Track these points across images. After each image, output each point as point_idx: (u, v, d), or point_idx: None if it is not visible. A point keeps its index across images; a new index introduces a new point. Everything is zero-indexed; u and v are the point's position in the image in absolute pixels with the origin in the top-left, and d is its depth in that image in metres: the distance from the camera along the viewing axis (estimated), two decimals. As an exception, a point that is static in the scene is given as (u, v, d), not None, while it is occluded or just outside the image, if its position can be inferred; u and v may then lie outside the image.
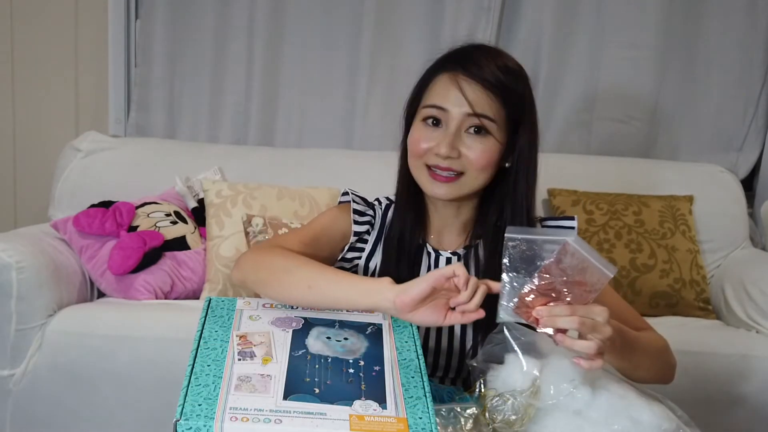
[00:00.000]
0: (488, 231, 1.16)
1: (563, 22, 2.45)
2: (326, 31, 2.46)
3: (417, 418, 0.80)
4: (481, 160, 1.09)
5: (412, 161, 1.14)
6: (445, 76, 1.11)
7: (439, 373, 1.19)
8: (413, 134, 1.13)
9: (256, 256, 1.09)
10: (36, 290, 1.75)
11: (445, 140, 1.08)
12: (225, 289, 2.02)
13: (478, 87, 1.08)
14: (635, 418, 0.90)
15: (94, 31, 2.51)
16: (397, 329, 0.99)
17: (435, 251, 1.18)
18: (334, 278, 1.01)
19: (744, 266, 2.21)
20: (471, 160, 1.09)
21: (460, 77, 1.09)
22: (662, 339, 1.15)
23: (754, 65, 2.49)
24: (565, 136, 2.53)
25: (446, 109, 1.09)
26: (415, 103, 1.16)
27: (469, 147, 1.09)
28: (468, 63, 1.10)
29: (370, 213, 1.20)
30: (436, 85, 1.12)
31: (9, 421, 1.77)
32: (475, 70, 1.08)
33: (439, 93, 1.11)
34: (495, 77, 1.08)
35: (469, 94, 1.08)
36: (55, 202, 2.28)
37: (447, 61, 1.13)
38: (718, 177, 2.42)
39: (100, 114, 2.56)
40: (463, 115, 1.08)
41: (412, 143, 1.13)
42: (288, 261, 1.04)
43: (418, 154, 1.12)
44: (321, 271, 1.02)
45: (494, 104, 1.09)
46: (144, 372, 1.74)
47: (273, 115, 2.53)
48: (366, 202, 1.22)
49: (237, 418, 0.76)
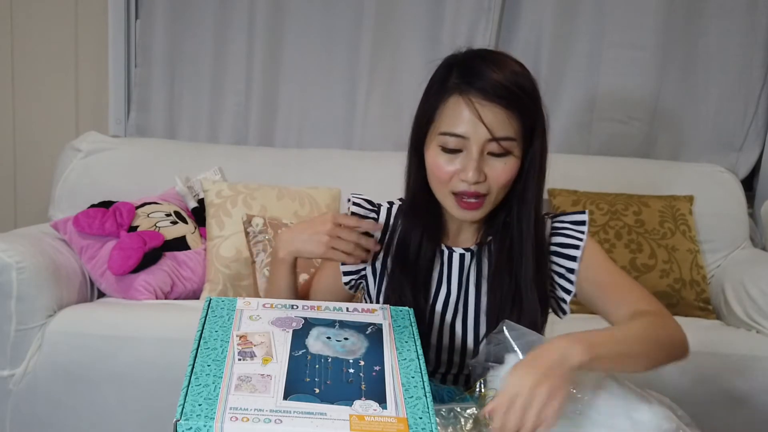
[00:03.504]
0: (498, 228, 1.17)
1: (563, 23, 2.45)
2: (326, 31, 2.46)
3: (417, 418, 0.80)
4: (504, 178, 1.09)
5: (436, 186, 1.13)
6: (456, 99, 1.07)
7: (441, 370, 1.19)
8: (434, 159, 1.10)
9: None
10: (36, 290, 1.75)
11: (471, 165, 1.06)
12: (225, 289, 2.02)
13: (494, 108, 1.05)
14: (635, 418, 0.90)
15: (94, 31, 2.51)
16: (397, 329, 0.99)
17: (448, 248, 1.19)
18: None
19: (744, 266, 2.21)
20: (495, 180, 1.08)
21: (473, 99, 1.05)
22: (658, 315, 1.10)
23: (754, 65, 2.49)
24: (565, 137, 2.52)
25: (466, 137, 1.06)
26: (425, 126, 1.13)
27: (492, 167, 1.08)
28: (478, 80, 1.06)
29: (372, 216, 1.21)
30: (448, 109, 1.08)
31: (9, 421, 1.77)
32: (488, 88, 1.05)
33: (455, 119, 1.07)
34: (509, 92, 1.05)
35: (487, 118, 1.05)
36: (55, 202, 2.28)
37: (454, 77, 1.09)
38: (718, 177, 2.42)
39: (100, 114, 2.56)
40: (484, 140, 1.06)
41: (435, 169, 1.10)
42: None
43: (443, 180, 1.10)
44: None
45: (512, 121, 1.07)
46: (144, 372, 1.74)
47: (273, 115, 2.53)
48: (370, 203, 1.23)
49: (237, 418, 0.76)
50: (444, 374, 1.20)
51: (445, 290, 1.18)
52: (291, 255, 1.15)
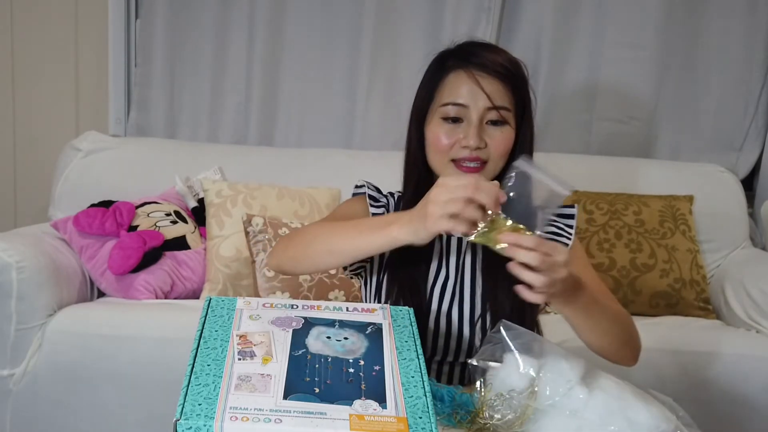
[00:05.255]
0: None
1: (563, 22, 2.45)
2: (326, 30, 2.46)
3: (417, 418, 0.80)
4: (503, 147, 1.14)
5: (435, 157, 1.17)
6: (457, 73, 1.15)
7: (437, 357, 1.19)
8: (433, 132, 1.16)
9: (284, 239, 1.18)
10: (36, 290, 1.75)
11: (472, 132, 1.12)
12: (225, 288, 2.02)
13: (492, 79, 1.13)
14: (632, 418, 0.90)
15: (94, 30, 2.51)
16: (397, 329, 0.99)
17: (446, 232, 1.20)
18: (348, 233, 1.05)
19: (744, 266, 2.21)
20: (494, 148, 1.14)
21: (473, 72, 1.13)
22: (627, 313, 1.15)
23: (754, 65, 2.49)
24: (565, 136, 2.52)
25: (466, 105, 1.13)
26: (426, 104, 1.19)
27: (492, 137, 1.14)
28: (475, 57, 1.14)
29: (383, 201, 1.24)
30: (449, 83, 1.15)
31: (9, 421, 1.77)
32: (487, 63, 1.13)
33: (456, 90, 1.14)
34: (504, 68, 1.13)
35: (486, 87, 1.12)
36: (55, 201, 2.28)
37: (452, 59, 1.17)
38: (718, 177, 2.42)
39: (100, 114, 2.56)
40: (484, 108, 1.13)
41: (435, 140, 1.16)
42: (307, 234, 1.12)
43: (443, 150, 1.15)
44: (336, 231, 1.07)
45: (508, 93, 1.14)
46: (144, 372, 1.74)
47: (273, 115, 2.53)
48: (379, 191, 1.26)
49: (237, 417, 0.76)
50: (440, 362, 1.20)
51: (444, 274, 1.19)
52: (429, 236, 0.98)
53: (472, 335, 1.18)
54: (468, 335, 1.18)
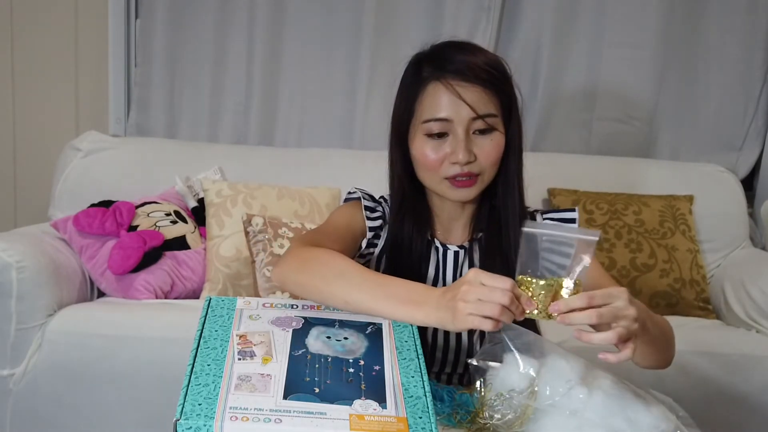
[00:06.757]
0: (485, 218, 1.18)
1: (563, 22, 2.45)
2: (326, 30, 2.46)
3: (417, 418, 0.80)
4: (493, 156, 1.10)
5: (426, 175, 1.13)
6: (435, 85, 1.09)
7: (435, 369, 1.19)
8: (419, 149, 1.12)
9: (296, 257, 1.05)
10: (36, 290, 1.75)
11: (460, 147, 1.07)
12: (225, 288, 2.02)
13: (473, 87, 1.07)
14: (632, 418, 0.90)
15: (94, 31, 2.51)
16: (397, 329, 0.99)
17: (443, 245, 1.19)
18: (373, 293, 0.96)
19: (744, 266, 2.21)
20: (485, 159, 1.09)
21: (450, 82, 1.07)
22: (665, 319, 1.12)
23: (754, 65, 2.49)
24: (565, 136, 2.53)
25: (449, 119, 1.08)
26: (406, 118, 1.14)
27: (481, 147, 1.09)
28: (450, 64, 1.08)
29: (379, 210, 1.21)
30: (428, 96, 1.10)
31: (9, 420, 1.77)
32: (464, 70, 1.06)
33: (436, 104, 1.08)
34: (485, 71, 1.07)
35: (468, 97, 1.06)
36: (55, 201, 2.28)
37: (428, 67, 1.11)
38: (718, 177, 2.42)
39: (100, 114, 2.56)
40: (468, 119, 1.07)
41: (422, 158, 1.11)
42: (326, 267, 1.01)
43: (432, 167, 1.10)
44: (359, 285, 0.97)
45: (492, 98, 1.08)
46: (144, 372, 1.74)
47: (273, 115, 2.53)
48: (373, 198, 1.23)
49: (237, 417, 0.76)
50: (438, 373, 1.20)
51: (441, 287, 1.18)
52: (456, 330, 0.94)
53: (470, 347, 1.17)
54: (466, 347, 1.17)
